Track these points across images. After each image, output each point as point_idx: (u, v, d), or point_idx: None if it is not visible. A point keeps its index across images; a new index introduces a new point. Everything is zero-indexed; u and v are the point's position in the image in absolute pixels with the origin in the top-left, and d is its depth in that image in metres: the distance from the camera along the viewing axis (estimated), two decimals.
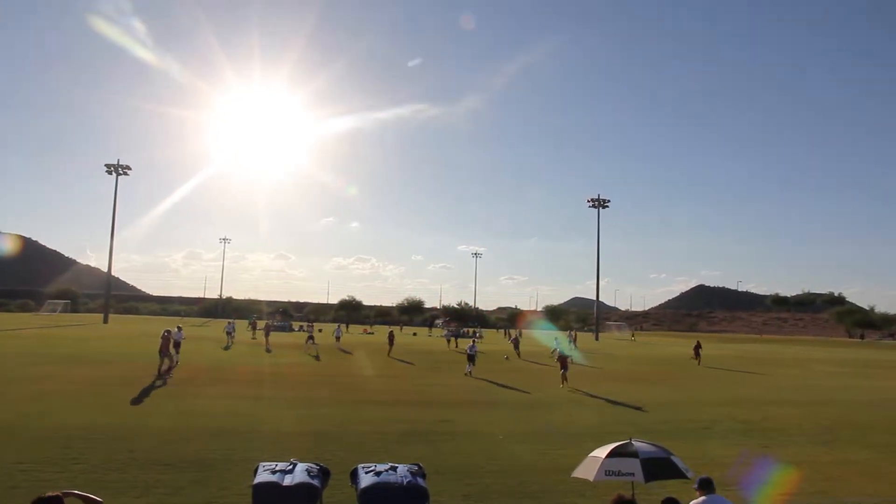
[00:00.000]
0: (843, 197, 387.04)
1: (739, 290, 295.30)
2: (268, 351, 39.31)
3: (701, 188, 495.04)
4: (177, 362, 25.88)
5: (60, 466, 10.40)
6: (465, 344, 40.60)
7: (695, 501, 6.24)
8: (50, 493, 4.09)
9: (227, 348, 39.91)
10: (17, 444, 11.86)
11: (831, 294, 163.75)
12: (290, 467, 6.23)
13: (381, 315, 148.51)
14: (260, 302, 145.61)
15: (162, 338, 24.89)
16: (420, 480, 6.28)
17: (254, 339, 43.85)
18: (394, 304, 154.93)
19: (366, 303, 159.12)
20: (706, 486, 6.36)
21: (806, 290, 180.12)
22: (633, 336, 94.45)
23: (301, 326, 59.38)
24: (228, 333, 44.24)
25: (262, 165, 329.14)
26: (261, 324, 56.23)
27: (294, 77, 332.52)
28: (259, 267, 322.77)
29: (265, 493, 5.91)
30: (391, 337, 41.30)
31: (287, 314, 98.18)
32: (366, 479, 6.19)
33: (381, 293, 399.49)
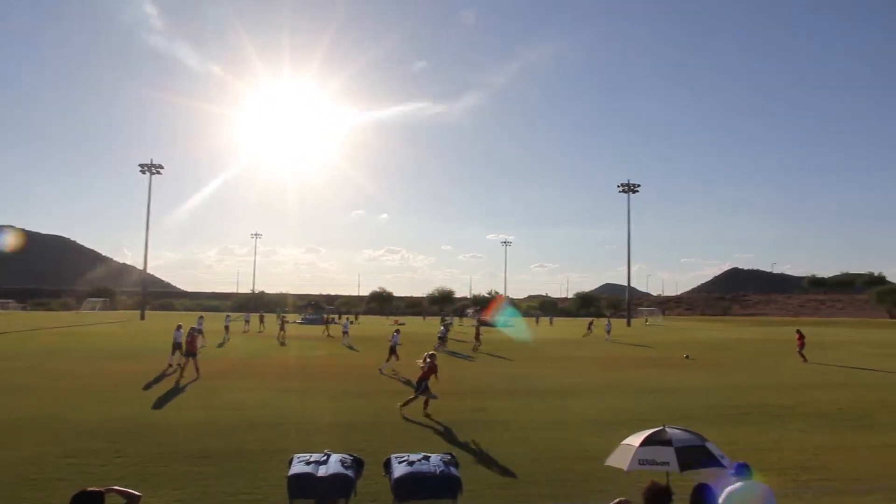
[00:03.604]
0: (881, 176, 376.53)
1: (774, 272, 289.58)
2: (282, 344, 38.99)
3: (732, 170, 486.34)
4: (203, 346, 25.09)
5: (104, 459, 10.70)
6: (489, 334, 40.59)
7: (730, 488, 6.14)
8: (92, 489, 4.21)
9: (221, 345, 37.14)
10: (64, 437, 12.25)
11: (871, 274, 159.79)
12: (325, 458, 6.32)
13: (412, 306, 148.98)
14: (290, 295, 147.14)
15: (186, 333, 22.92)
16: (453, 469, 6.33)
17: (281, 335, 42.91)
18: (424, 295, 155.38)
19: (396, 294, 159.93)
20: (743, 472, 6.26)
21: (844, 271, 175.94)
22: (646, 321, 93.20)
23: (333, 318, 59.83)
24: (226, 328, 43.00)
25: (291, 160, 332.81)
26: (290, 317, 56.27)
27: (322, 73, 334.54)
28: (290, 261, 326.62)
29: (300, 483, 6.02)
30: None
31: (318, 307, 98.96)
32: (399, 469, 6.25)
33: (412, 284, 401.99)
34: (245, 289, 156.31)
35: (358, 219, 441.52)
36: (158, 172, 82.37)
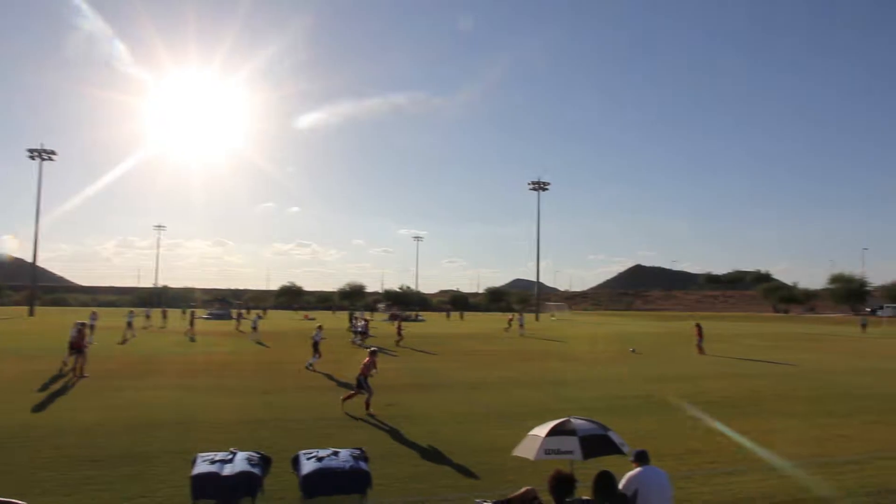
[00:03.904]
0: (770, 178, 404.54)
1: (674, 269, 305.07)
2: (192, 340, 38.17)
3: (638, 171, 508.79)
4: (90, 343, 23.79)
5: None
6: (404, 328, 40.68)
7: (630, 473, 6.44)
8: None
9: (122, 342, 35.43)
10: None
11: (759, 272, 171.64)
12: (230, 457, 6.13)
13: (323, 301, 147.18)
14: (196, 290, 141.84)
15: (76, 330, 21.40)
16: (363, 464, 6.29)
17: (191, 330, 41.56)
18: (335, 290, 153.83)
19: (306, 288, 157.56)
20: (642, 458, 6.58)
21: (736, 269, 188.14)
22: (552, 316, 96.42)
23: (241, 314, 58.12)
24: (129, 324, 40.83)
25: (197, 150, 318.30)
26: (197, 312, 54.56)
27: (230, 61, 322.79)
28: (196, 254, 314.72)
29: (204, 483, 5.80)
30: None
31: (225, 302, 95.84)
32: (308, 465, 6.15)
33: (322, 278, 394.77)
34: (147, 283, 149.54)
35: (267, 212, 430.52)
36: (50, 158, 77.27)
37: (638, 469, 6.45)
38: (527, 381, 21.43)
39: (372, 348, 16.75)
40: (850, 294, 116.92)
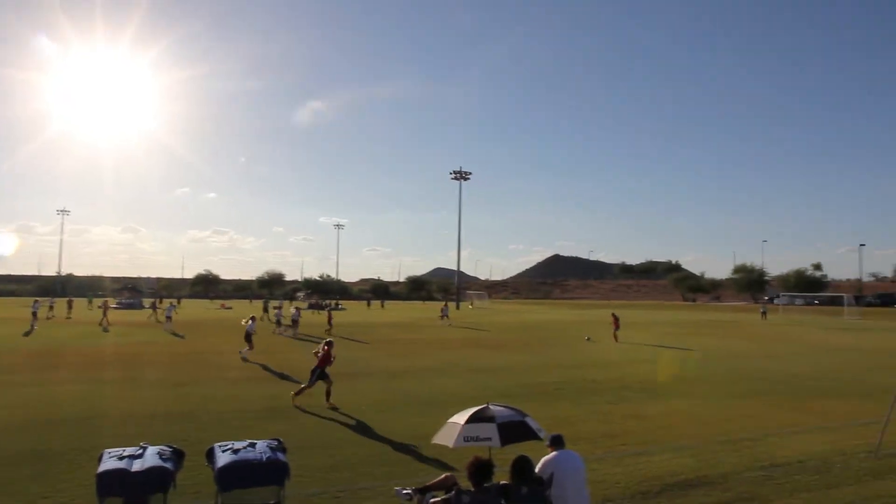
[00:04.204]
0: (680, 175, 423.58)
1: (591, 259, 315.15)
2: (105, 330, 36.72)
3: (556, 162, 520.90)
4: None
5: None
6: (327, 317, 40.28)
7: (546, 457, 6.64)
8: None
9: (27, 333, 33.97)
10: None
11: (670, 262, 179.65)
12: (140, 452, 5.90)
13: (240, 289, 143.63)
14: (105, 278, 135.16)
15: None
16: (280, 455, 6.20)
17: (104, 321, 39.70)
18: (253, 278, 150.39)
19: (223, 277, 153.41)
20: (557, 443, 6.79)
21: (649, 259, 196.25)
22: (470, 305, 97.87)
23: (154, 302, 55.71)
24: (34, 314, 38.92)
25: (106, 132, 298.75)
26: (97, 301, 52.13)
27: (141, 35, 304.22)
28: (104, 241, 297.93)
29: (111, 480, 5.56)
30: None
31: (136, 290, 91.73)
32: (223, 458, 6.01)
33: (240, 266, 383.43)
34: (49, 271, 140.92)
35: (183, 197, 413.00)
36: None
37: (554, 453, 6.65)
38: (447, 370, 21.66)
39: (328, 339, 16.33)
40: (751, 284, 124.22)
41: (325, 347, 15.46)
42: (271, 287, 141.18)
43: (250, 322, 25.19)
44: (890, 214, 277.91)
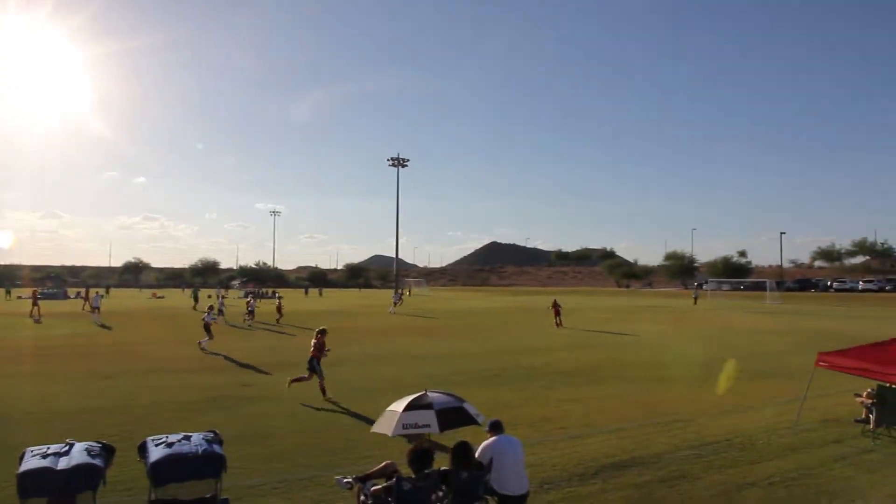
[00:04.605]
0: (614, 163, 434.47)
1: (528, 246, 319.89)
2: (37, 321, 35.23)
3: (495, 151, 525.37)
4: None
5: None
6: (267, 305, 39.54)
7: (485, 442, 6.73)
8: None
9: None
10: None
11: (604, 249, 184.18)
12: (66, 449, 5.65)
13: (173, 277, 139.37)
14: (24, 267, 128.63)
15: None
16: (217, 448, 6.06)
17: (35, 311, 37.60)
18: (186, 266, 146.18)
19: (154, 265, 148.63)
20: (496, 428, 6.89)
21: (584, 247, 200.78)
22: (408, 292, 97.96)
23: (79, 293, 53.28)
24: None
25: (23, 111, 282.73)
26: (17, 292, 49.37)
27: (60, 3, 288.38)
28: (23, 227, 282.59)
29: (34, 480, 5.29)
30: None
31: (60, 280, 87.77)
32: (156, 452, 5.82)
33: (172, 254, 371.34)
34: None
35: (110, 181, 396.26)
36: None
37: (492, 438, 6.75)
38: (387, 357, 21.64)
39: (321, 328, 15.71)
40: (681, 270, 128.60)
41: (319, 336, 15.01)
42: (205, 275, 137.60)
43: (208, 312, 24.54)
44: (808, 205, 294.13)
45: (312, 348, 14.78)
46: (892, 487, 8.46)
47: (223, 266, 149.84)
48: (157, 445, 5.92)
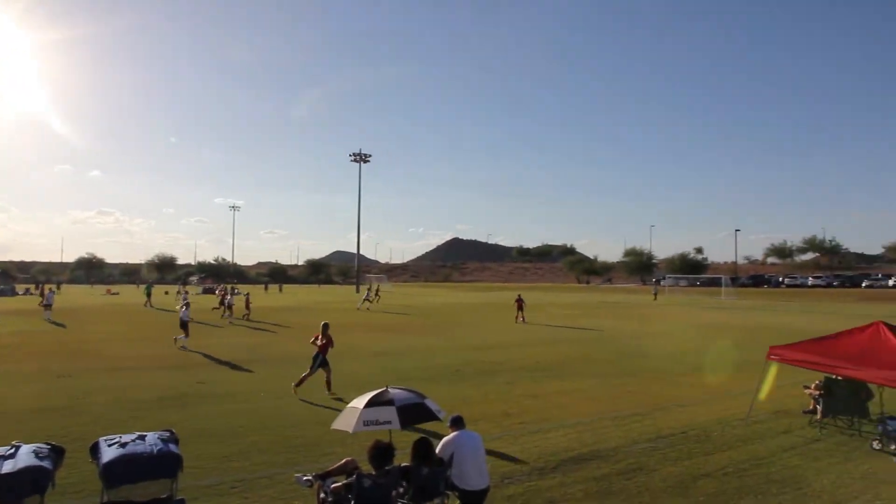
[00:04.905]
0: (575, 159, 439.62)
1: (489, 242, 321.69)
2: None
3: (457, 148, 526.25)
4: None
5: None
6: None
7: (446, 438, 6.75)
8: None
9: None
10: None
11: (565, 246, 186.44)
12: (12, 451, 5.45)
13: (128, 273, 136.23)
14: None
15: None
16: (172, 447, 5.93)
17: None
18: (143, 262, 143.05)
19: (109, 261, 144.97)
20: (457, 423, 6.92)
21: (545, 243, 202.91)
22: (377, 289, 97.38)
23: (27, 289, 51.56)
24: None
25: None
26: None
27: None
28: None
29: None
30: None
31: (8, 276, 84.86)
32: (109, 453, 5.67)
33: (128, 249, 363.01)
34: None
35: (62, 175, 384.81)
36: None
37: (454, 433, 6.77)
38: (349, 353, 21.46)
39: (324, 322, 15.41)
40: (640, 266, 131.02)
41: (324, 330, 14.78)
42: (163, 271, 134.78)
43: (184, 309, 23.85)
44: (762, 203, 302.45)
45: (318, 342, 14.63)
46: (835, 475, 8.77)
47: (181, 262, 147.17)
48: (109, 446, 5.77)
